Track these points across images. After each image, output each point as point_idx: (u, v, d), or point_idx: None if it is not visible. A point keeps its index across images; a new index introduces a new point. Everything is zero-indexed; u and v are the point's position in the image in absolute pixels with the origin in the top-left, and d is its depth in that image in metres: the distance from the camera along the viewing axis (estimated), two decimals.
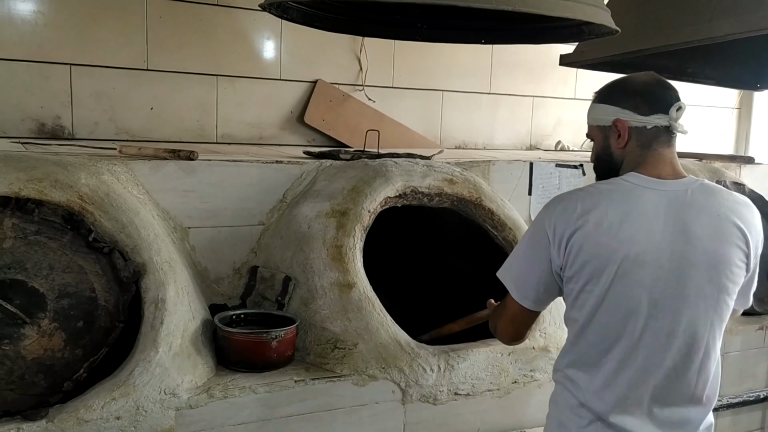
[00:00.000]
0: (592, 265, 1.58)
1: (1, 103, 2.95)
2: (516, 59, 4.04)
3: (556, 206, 1.66)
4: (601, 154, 1.76)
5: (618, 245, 1.56)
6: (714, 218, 1.60)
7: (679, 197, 1.61)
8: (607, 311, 1.60)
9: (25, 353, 1.80)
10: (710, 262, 1.58)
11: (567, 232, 1.60)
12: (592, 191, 1.66)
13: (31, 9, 2.95)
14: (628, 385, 1.60)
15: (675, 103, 1.65)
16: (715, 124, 4.96)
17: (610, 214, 1.58)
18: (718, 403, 2.78)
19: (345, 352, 2.11)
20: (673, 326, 1.59)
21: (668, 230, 1.57)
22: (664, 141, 1.67)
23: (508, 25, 2.52)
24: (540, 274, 1.67)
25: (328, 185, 2.44)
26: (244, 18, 3.35)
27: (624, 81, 1.73)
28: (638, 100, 1.66)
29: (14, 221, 1.87)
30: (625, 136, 1.67)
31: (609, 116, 1.70)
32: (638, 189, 1.62)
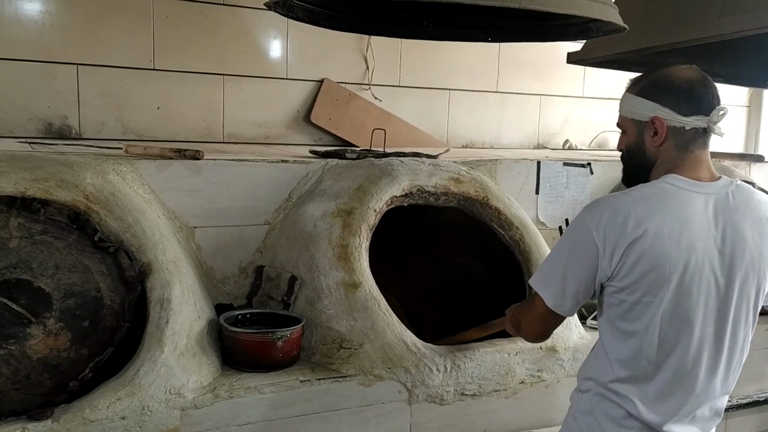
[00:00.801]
0: (652, 276, 1.53)
1: (8, 103, 2.96)
2: (523, 57, 4.02)
3: (603, 213, 1.57)
4: (634, 149, 1.70)
5: (679, 254, 1.52)
6: (757, 220, 1.59)
7: (723, 200, 1.59)
8: (668, 323, 1.56)
9: (31, 353, 1.80)
10: (754, 265, 1.58)
11: (622, 242, 1.53)
12: (641, 197, 1.58)
13: (37, 9, 2.96)
14: (685, 394, 1.59)
15: (717, 105, 1.60)
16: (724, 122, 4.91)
17: (669, 223, 1.53)
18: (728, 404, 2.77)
19: (351, 352, 2.11)
20: (722, 331, 1.59)
21: (720, 236, 1.56)
22: (701, 143, 1.63)
23: (515, 23, 2.51)
24: (581, 282, 1.61)
25: (334, 184, 2.43)
26: (250, 17, 3.34)
27: (666, 76, 1.65)
28: (680, 98, 1.60)
29: (20, 221, 1.87)
30: (662, 135, 1.62)
31: (647, 112, 1.63)
32: (684, 193, 1.57)
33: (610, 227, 1.54)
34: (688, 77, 1.63)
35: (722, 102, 1.64)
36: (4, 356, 1.77)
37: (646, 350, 1.58)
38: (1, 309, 1.79)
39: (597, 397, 1.66)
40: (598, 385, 1.67)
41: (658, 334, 1.56)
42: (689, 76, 1.63)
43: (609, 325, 1.64)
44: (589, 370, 1.72)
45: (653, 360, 1.58)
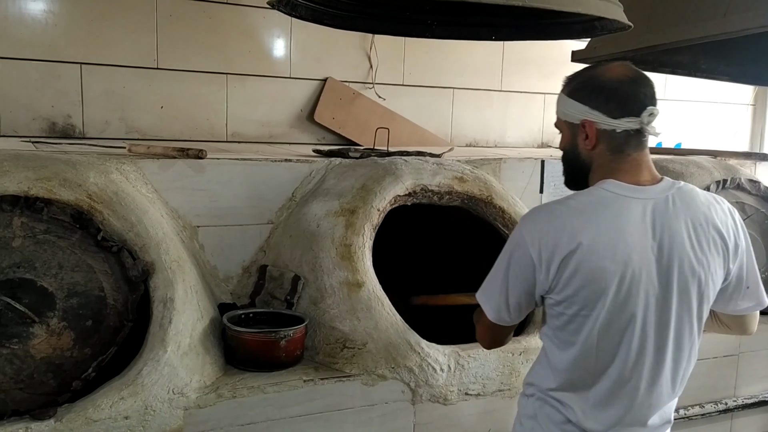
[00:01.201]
0: (588, 290, 1.49)
1: (12, 103, 2.96)
2: (527, 56, 4.01)
3: (537, 225, 1.54)
4: (569, 152, 1.65)
5: (615, 267, 1.47)
6: (697, 225, 1.53)
7: (662, 205, 1.53)
8: (606, 335, 1.52)
9: (34, 352, 1.80)
10: (693, 272, 1.53)
11: (557, 255, 1.49)
12: (577, 207, 1.54)
13: (41, 9, 2.96)
14: (625, 405, 1.56)
15: (648, 107, 1.52)
16: (729, 121, 4.90)
17: (603, 234, 1.48)
18: (734, 404, 2.76)
19: (354, 352, 2.10)
20: (663, 341, 1.55)
21: (657, 243, 1.50)
22: (635, 144, 1.56)
23: (519, 22, 2.50)
24: (521, 295, 1.58)
25: (338, 184, 2.43)
26: (253, 16, 3.34)
27: (596, 76, 1.58)
28: (609, 100, 1.53)
29: (23, 220, 1.87)
30: (593, 139, 1.56)
31: (578, 114, 1.57)
32: (621, 199, 1.52)
33: (544, 241, 1.50)
34: (618, 77, 1.55)
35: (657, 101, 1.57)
36: (8, 356, 1.77)
37: (585, 361, 1.55)
38: (5, 308, 1.79)
39: (539, 402, 1.65)
40: (540, 391, 1.65)
41: (596, 346, 1.53)
42: (619, 76, 1.55)
43: (551, 334, 1.61)
44: (532, 375, 1.70)
45: (592, 370, 1.55)
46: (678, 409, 2.60)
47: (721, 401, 2.73)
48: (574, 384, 1.59)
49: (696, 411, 2.66)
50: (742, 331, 1.76)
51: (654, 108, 1.54)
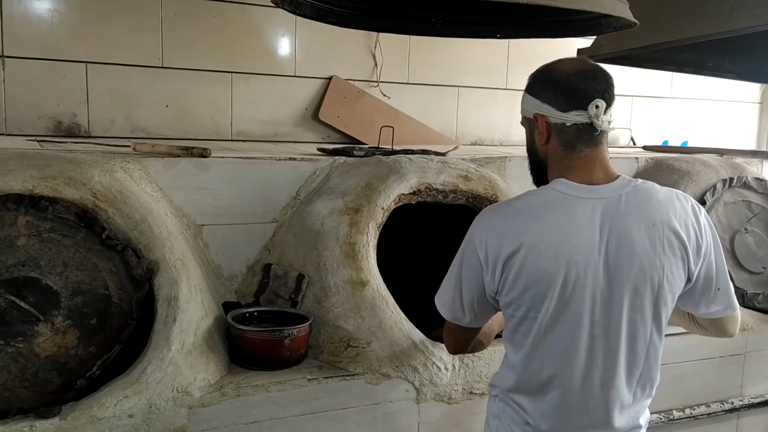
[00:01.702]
0: (532, 291, 1.48)
1: (18, 102, 2.97)
2: (533, 54, 3.95)
3: (486, 225, 1.55)
4: (529, 149, 1.65)
5: (557, 269, 1.45)
6: (650, 226, 1.48)
7: (614, 205, 1.49)
8: (552, 339, 1.51)
9: (39, 351, 1.80)
10: (645, 274, 1.48)
11: (501, 257, 1.48)
12: (523, 207, 1.54)
13: (47, 8, 2.97)
14: (579, 410, 1.54)
15: (595, 98, 1.48)
16: (736, 119, 4.88)
17: (546, 236, 1.46)
18: (740, 403, 2.75)
19: (358, 351, 2.10)
20: (615, 344, 1.51)
21: (604, 246, 1.47)
22: (588, 140, 1.52)
23: (524, 20, 2.49)
24: (473, 295, 1.58)
25: (342, 182, 2.42)
26: (258, 15, 3.34)
27: (547, 70, 1.57)
28: (558, 93, 1.51)
29: (28, 219, 1.87)
30: (544, 133, 1.55)
31: (532, 109, 1.57)
32: (571, 200, 1.49)
33: (490, 241, 1.50)
34: (568, 70, 1.53)
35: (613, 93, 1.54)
36: (13, 354, 1.78)
37: (535, 365, 1.54)
38: (10, 307, 1.79)
39: (502, 403, 1.65)
40: (502, 392, 1.65)
41: (543, 349, 1.52)
42: (569, 69, 1.53)
43: (508, 336, 1.61)
44: (496, 376, 1.70)
45: (542, 375, 1.54)
46: (684, 408, 2.60)
47: (727, 400, 2.72)
48: (527, 389, 1.58)
49: (702, 410, 2.65)
50: (721, 334, 1.71)
51: (600, 100, 1.49)
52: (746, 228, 2.95)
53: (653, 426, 2.49)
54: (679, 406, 2.60)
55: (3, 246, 1.82)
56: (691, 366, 2.61)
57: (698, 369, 2.63)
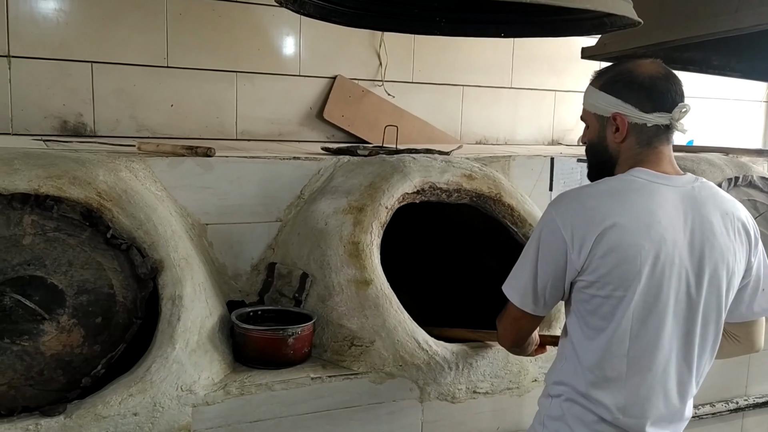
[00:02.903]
0: (623, 268, 1.48)
1: (24, 101, 2.99)
2: (537, 53, 3.99)
3: (569, 205, 1.55)
4: (596, 144, 1.67)
5: (650, 246, 1.47)
6: (723, 215, 1.56)
7: (690, 194, 1.55)
8: (639, 318, 1.50)
9: (44, 349, 1.81)
10: (723, 258, 1.54)
11: (590, 233, 1.48)
12: (608, 190, 1.55)
13: (52, 8, 2.98)
14: (659, 395, 1.55)
15: (680, 103, 1.56)
16: (742, 118, 4.86)
17: (637, 214, 1.49)
18: (745, 403, 2.74)
19: (362, 350, 2.10)
20: (692, 327, 1.54)
21: (689, 228, 1.52)
22: (663, 139, 1.59)
23: (528, 18, 2.49)
24: (549, 278, 1.56)
25: (346, 181, 2.43)
26: (262, 14, 3.35)
27: (629, 70, 1.60)
28: (642, 95, 1.56)
29: (33, 218, 1.88)
30: (623, 132, 1.58)
31: (609, 107, 1.60)
32: (653, 186, 1.54)
33: (577, 219, 1.50)
34: (651, 73, 1.58)
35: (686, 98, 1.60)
36: (18, 352, 1.79)
37: (618, 348, 1.52)
38: (15, 305, 1.80)
39: (568, 403, 1.61)
40: (571, 390, 1.60)
41: (630, 330, 1.51)
42: (652, 72, 1.58)
43: (580, 323, 1.58)
44: (559, 373, 1.65)
45: (625, 358, 1.52)
46: None
47: (732, 400, 2.71)
48: (606, 377, 1.55)
49: (707, 410, 2.64)
50: (749, 344, 1.71)
51: (685, 104, 1.56)
52: None
53: None
54: None
55: (9, 245, 1.83)
56: None
57: None
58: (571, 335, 1.62)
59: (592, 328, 1.56)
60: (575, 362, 1.60)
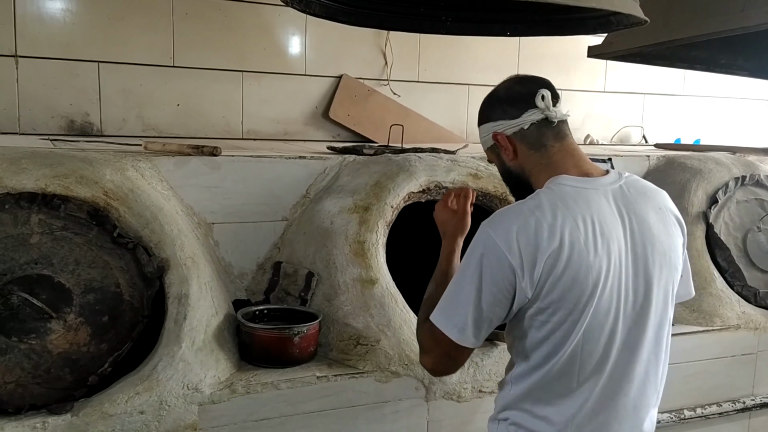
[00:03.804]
0: (576, 290, 1.38)
1: (31, 101, 3.00)
2: (543, 52, 3.98)
3: (511, 227, 1.40)
4: (503, 174, 1.66)
5: (599, 262, 1.39)
6: (657, 210, 1.52)
7: (621, 193, 1.49)
8: (591, 337, 1.42)
9: (51, 347, 1.82)
10: (665, 257, 1.50)
11: (540, 257, 1.36)
12: (543, 203, 1.42)
13: (59, 8, 3.00)
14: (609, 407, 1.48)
15: (538, 91, 1.51)
16: (749, 117, 4.84)
17: (582, 227, 1.39)
18: (752, 403, 2.73)
19: (368, 349, 2.10)
20: (642, 334, 1.48)
21: (628, 231, 1.46)
22: (552, 135, 1.53)
23: (534, 17, 2.48)
24: (493, 309, 1.42)
25: (351, 181, 2.43)
26: (268, 14, 3.35)
27: (489, 94, 1.64)
28: (504, 105, 1.56)
29: (41, 217, 1.89)
30: (509, 146, 1.55)
31: (488, 134, 1.60)
32: (583, 191, 1.46)
33: (523, 241, 1.38)
34: (505, 85, 1.61)
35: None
36: (26, 351, 1.80)
37: (569, 367, 1.44)
38: (23, 304, 1.81)
39: (514, 426, 1.52)
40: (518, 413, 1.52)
41: (582, 349, 1.42)
42: (505, 84, 1.61)
43: (527, 350, 1.48)
44: (505, 397, 1.55)
45: (578, 376, 1.44)
46: (695, 407, 2.59)
47: (739, 400, 2.70)
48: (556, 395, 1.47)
49: (713, 410, 2.63)
50: None
51: (543, 90, 1.52)
52: (759, 226, 2.92)
53: (664, 425, 2.48)
54: (690, 405, 2.58)
55: (16, 244, 1.84)
56: (702, 365, 2.60)
57: (709, 368, 2.62)
58: (518, 361, 1.52)
59: (543, 353, 1.46)
60: (522, 386, 1.51)
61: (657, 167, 3.13)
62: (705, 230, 2.82)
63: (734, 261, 2.79)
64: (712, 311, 2.66)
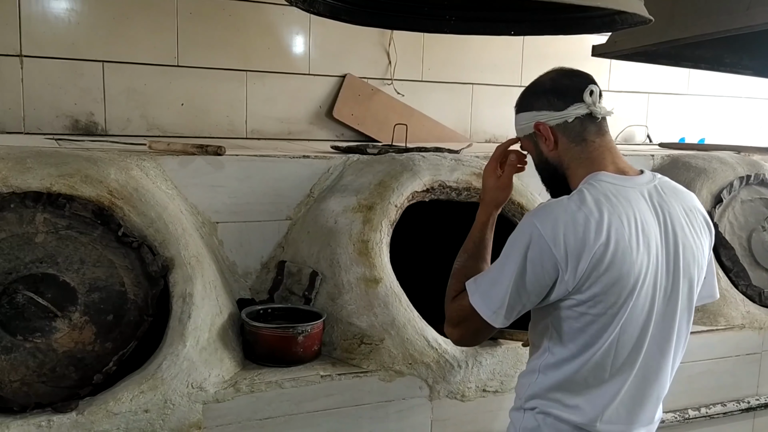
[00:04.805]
0: (618, 286, 1.44)
1: (36, 100, 3.01)
2: (547, 51, 3.97)
3: (557, 221, 1.44)
4: (539, 164, 1.67)
5: (641, 259, 1.45)
6: (688, 212, 1.56)
7: (656, 192, 1.53)
8: (627, 330, 1.48)
9: (57, 346, 1.83)
10: (694, 258, 1.54)
11: (586, 253, 1.41)
12: (589, 200, 1.46)
13: (64, 7, 3.00)
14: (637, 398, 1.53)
15: (587, 87, 1.55)
16: (754, 116, 4.82)
17: (626, 225, 1.44)
18: (756, 403, 2.72)
19: (371, 348, 2.11)
20: (670, 329, 1.53)
21: (662, 229, 1.50)
22: (595, 131, 1.57)
23: (538, 16, 2.48)
24: (531, 298, 1.49)
25: (355, 180, 2.43)
26: (272, 13, 3.36)
27: (533, 83, 1.65)
28: (550, 96, 1.58)
29: (46, 216, 1.90)
30: (550, 137, 1.58)
31: (529, 122, 1.62)
32: (623, 189, 1.50)
33: (570, 237, 1.42)
34: (551, 76, 1.62)
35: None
36: (31, 349, 1.80)
37: (604, 359, 1.49)
38: (28, 303, 1.82)
39: (542, 415, 1.57)
40: (546, 402, 1.56)
41: (617, 341, 1.48)
42: (551, 75, 1.63)
43: (564, 339, 1.52)
44: (533, 387, 1.59)
45: (609, 368, 1.50)
46: (699, 407, 2.59)
47: (743, 400, 2.69)
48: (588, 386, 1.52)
49: (717, 410, 2.63)
50: None
51: (593, 86, 1.55)
52: (764, 226, 2.92)
53: (668, 425, 2.48)
54: (695, 405, 2.58)
55: (21, 243, 1.85)
56: (706, 365, 2.59)
57: (714, 368, 2.61)
58: (550, 350, 1.56)
59: (579, 344, 1.50)
60: (553, 376, 1.55)
61: (661, 166, 3.12)
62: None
63: (739, 260, 2.79)
64: (716, 311, 2.65)
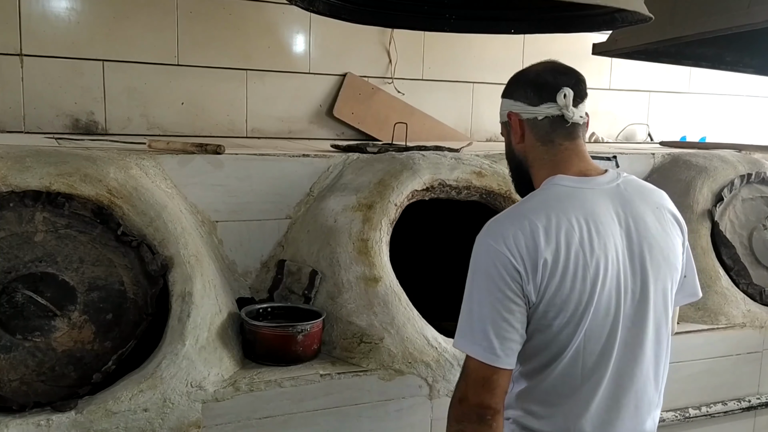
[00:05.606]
0: (577, 291, 1.38)
1: (36, 99, 3.01)
2: (548, 49, 3.93)
3: (509, 232, 1.39)
4: (507, 154, 1.65)
5: (595, 261, 1.39)
6: (654, 210, 1.51)
7: (618, 192, 1.48)
8: (592, 336, 1.42)
9: (56, 345, 1.83)
10: (665, 257, 1.49)
11: (541, 258, 1.36)
12: (537, 205, 1.44)
13: (64, 6, 3.00)
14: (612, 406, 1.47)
15: (562, 88, 1.48)
16: (754, 114, 4.82)
17: (577, 228, 1.39)
18: (757, 402, 2.72)
19: (371, 347, 2.10)
20: (643, 334, 1.47)
21: (624, 230, 1.46)
22: (564, 134, 1.51)
23: (538, 15, 2.48)
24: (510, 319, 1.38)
25: (355, 179, 2.43)
26: (273, 12, 3.36)
27: (522, 71, 1.59)
28: (528, 89, 1.53)
29: (45, 215, 1.90)
30: (518, 130, 1.55)
31: (505, 110, 1.58)
32: (579, 191, 1.46)
33: (523, 246, 1.37)
34: (539, 69, 1.56)
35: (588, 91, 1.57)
36: (30, 348, 1.80)
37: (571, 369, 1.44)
38: (27, 302, 1.81)
39: (515, 425, 1.52)
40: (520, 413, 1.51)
41: (584, 349, 1.42)
42: (540, 68, 1.56)
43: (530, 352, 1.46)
44: (509, 397, 1.51)
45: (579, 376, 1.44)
46: (700, 406, 2.58)
47: (745, 399, 2.69)
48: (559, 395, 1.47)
49: (718, 408, 2.62)
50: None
51: (567, 89, 1.49)
52: (764, 224, 2.91)
53: (669, 424, 2.48)
54: (695, 404, 2.58)
55: (21, 242, 1.85)
56: (707, 364, 2.59)
57: (714, 367, 2.61)
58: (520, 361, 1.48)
59: (547, 354, 1.45)
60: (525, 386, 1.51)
61: (662, 165, 3.12)
62: (710, 228, 2.81)
63: (740, 259, 2.78)
64: (717, 309, 2.65)
